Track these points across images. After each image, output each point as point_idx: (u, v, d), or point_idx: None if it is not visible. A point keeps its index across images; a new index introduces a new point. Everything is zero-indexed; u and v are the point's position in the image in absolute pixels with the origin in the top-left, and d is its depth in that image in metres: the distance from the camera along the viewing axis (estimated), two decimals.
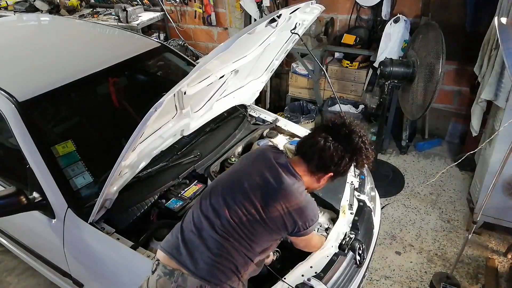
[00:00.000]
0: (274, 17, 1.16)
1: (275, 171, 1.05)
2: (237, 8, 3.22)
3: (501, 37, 1.45)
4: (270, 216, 1.00)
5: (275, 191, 1.02)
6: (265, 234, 1.02)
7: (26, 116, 1.40)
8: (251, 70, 1.62)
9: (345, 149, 1.04)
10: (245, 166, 1.11)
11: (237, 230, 0.99)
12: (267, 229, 1.01)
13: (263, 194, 1.02)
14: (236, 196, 1.02)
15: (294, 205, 1.01)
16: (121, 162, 1.06)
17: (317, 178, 1.09)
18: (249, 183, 1.03)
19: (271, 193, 1.02)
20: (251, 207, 1.00)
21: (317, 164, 1.05)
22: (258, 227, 1.00)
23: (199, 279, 0.97)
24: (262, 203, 1.00)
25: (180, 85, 1.02)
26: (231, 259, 0.99)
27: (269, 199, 1.01)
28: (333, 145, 1.03)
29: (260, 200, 1.01)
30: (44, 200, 1.33)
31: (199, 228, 1.01)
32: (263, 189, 1.02)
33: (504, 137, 1.86)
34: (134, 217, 1.36)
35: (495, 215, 2.07)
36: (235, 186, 1.04)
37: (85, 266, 1.35)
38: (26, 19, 2.61)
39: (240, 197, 1.02)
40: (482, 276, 1.94)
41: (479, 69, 2.21)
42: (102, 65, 1.67)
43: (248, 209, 1.00)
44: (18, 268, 2.05)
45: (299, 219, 1.02)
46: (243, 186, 1.03)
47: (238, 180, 1.05)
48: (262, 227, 1.01)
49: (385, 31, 2.62)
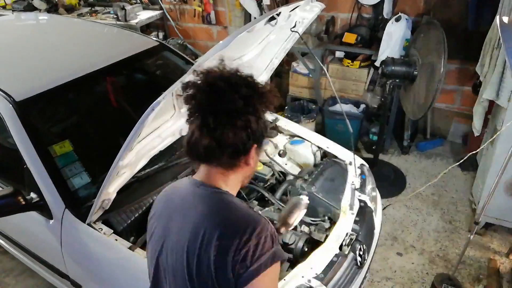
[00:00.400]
0: (274, 15, 1.14)
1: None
2: (237, 6, 3.20)
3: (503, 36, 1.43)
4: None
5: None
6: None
7: (23, 116, 1.39)
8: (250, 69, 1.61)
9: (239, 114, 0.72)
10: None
11: None
12: None
13: None
14: None
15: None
16: (118, 162, 1.05)
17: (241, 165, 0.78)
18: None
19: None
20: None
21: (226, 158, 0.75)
22: None
23: None
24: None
25: (178, 84, 1.00)
26: None
27: None
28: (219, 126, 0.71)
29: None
30: (41, 201, 1.33)
31: None
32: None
33: (506, 137, 1.84)
34: (132, 218, 1.34)
35: (497, 215, 2.06)
36: None
37: (83, 267, 1.34)
38: (24, 18, 2.61)
39: None
40: (484, 277, 1.93)
41: (481, 68, 2.19)
42: (100, 64, 1.66)
43: None
44: (16, 269, 2.05)
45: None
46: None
47: None
48: None
49: (386, 30, 2.61)
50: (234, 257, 0.68)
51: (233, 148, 0.73)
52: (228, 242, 0.69)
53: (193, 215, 0.76)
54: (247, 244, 0.68)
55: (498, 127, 1.98)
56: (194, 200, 0.78)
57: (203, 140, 0.73)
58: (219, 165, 0.78)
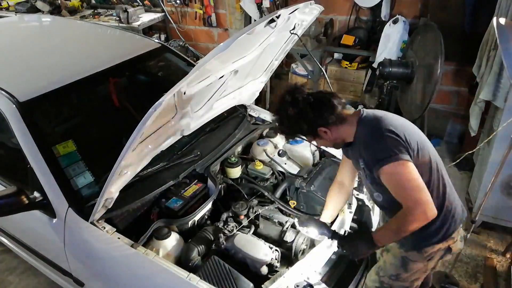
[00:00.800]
0: (273, 17, 1.17)
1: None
2: (237, 9, 3.23)
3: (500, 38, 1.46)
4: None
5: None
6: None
7: (27, 116, 1.40)
8: (250, 70, 1.63)
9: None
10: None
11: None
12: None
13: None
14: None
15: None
16: (121, 162, 1.07)
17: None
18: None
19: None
20: None
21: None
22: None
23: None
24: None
25: (179, 85, 1.03)
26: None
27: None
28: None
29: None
30: (45, 200, 1.34)
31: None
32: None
33: (502, 137, 1.86)
34: (134, 216, 1.36)
35: (493, 214, 2.08)
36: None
37: (85, 265, 1.35)
38: (27, 20, 2.62)
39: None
40: (481, 275, 1.95)
41: (477, 70, 2.22)
42: (103, 65, 1.68)
43: None
44: (19, 267, 2.06)
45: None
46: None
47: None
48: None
49: (384, 32, 2.63)
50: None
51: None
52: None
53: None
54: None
55: (494, 127, 2.00)
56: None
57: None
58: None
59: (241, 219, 1.41)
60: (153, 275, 1.17)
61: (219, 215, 1.45)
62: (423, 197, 0.98)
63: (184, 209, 1.39)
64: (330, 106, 1.10)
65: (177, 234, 1.34)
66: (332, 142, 1.17)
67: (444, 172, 1.15)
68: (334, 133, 1.13)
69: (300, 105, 1.09)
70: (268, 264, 1.26)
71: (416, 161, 1.04)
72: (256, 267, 1.25)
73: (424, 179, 1.03)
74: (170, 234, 1.29)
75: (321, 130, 1.12)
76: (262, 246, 1.28)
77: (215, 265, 1.21)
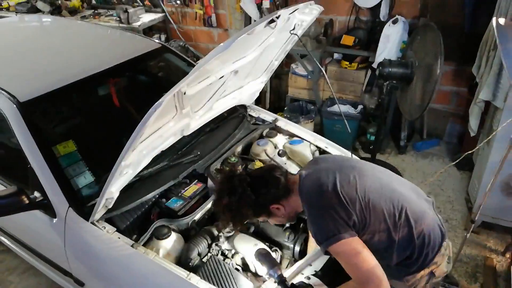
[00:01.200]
0: (273, 17, 1.17)
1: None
2: (237, 9, 3.24)
3: (499, 38, 1.46)
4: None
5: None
6: None
7: (27, 116, 1.41)
8: (250, 71, 1.64)
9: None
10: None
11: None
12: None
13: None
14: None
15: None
16: (121, 162, 1.07)
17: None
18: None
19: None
20: None
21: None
22: None
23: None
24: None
25: (179, 85, 1.03)
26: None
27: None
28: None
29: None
30: (45, 200, 1.34)
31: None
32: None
33: (502, 137, 1.86)
34: (134, 216, 1.36)
35: (493, 214, 2.08)
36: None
37: (86, 265, 1.35)
38: (28, 20, 2.63)
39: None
40: (481, 275, 1.95)
41: (477, 70, 2.23)
42: (103, 65, 1.68)
43: None
44: (19, 267, 2.06)
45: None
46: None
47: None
48: None
49: (383, 32, 2.64)
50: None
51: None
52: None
53: None
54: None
55: (494, 127, 2.01)
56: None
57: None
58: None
59: None
60: (153, 275, 1.17)
61: None
62: (372, 272, 0.93)
63: (184, 209, 1.39)
64: (273, 180, 1.04)
65: (177, 234, 1.34)
66: (287, 216, 1.11)
67: (411, 202, 1.06)
68: (286, 207, 1.07)
69: (238, 189, 1.02)
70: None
71: (366, 212, 0.99)
72: (256, 267, 1.25)
73: (382, 222, 1.00)
74: (170, 234, 1.29)
75: (273, 208, 1.06)
76: (262, 246, 1.28)
77: (215, 265, 1.21)
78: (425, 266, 1.06)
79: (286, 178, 1.08)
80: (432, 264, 1.07)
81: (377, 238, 1.02)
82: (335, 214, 0.97)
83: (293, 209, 1.09)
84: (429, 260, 1.06)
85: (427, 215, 1.08)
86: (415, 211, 1.05)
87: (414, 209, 1.05)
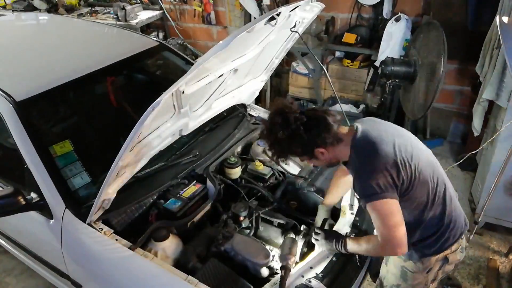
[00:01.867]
0: (274, 15, 1.15)
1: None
2: (237, 6, 3.21)
3: (503, 36, 1.44)
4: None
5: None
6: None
7: (23, 116, 1.39)
8: (250, 69, 1.61)
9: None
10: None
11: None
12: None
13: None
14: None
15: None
16: (118, 162, 1.06)
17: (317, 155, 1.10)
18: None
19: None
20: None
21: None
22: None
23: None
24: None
25: (178, 84, 1.01)
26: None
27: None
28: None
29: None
30: (42, 201, 1.33)
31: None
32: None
33: (506, 137, 1.85)
34: (132, 217, 1.35)
35: (496, 215, 2.06)
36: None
37: (83, 267, 1.34)
38: (24, 18, 2.61)
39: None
40: (484, 277, 1.94)
41: (480, 69, 2.20)
42: (100, 64, 1.66)
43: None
44: (16, 268, 2.05)
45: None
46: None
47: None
48: None
49: (386, 30, 2.61)
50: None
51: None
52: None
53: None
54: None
55: (497, 127, 1.98)
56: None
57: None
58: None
59: (241, 220, 1.39)
60: (151, 277, 1.15)
61: (219, 216, 1.43)
62: (397, 235, 1.00)
63: (183, 210, 1.37)
64: (326, 125, 1.05)
65: (176, 235, 1.32)
66: (328, 162, 1.13)
67: (448, 185, 1.13)
68: (330, 153, 1.09)
69: (292, 126, 1.02)
70: (268, 266, 1.24)
71: (414, 181, 1.03)
72: (256, 269, 1.23)
73: (424, 195, 1.06)
74: (168, 236, 1.27)
75: (318, 151, 1.07)
76: (262, 248, 1.26)
77: (214, 267, 1.19)
78: (442, 249, 1.12)
79: (338, 126, 1.10)
80: (448, 249, 1.13)
81: (411, 209, 1.07)
82: (387, 174, 1.00)
83: (335, 157, 1.11)
84: (448, 245, 1.12)
85: (457, 202, 1.16)
86: (451, 194, 1.12)
87: (451, 192, 1.13)
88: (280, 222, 1.43)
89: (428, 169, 1.07)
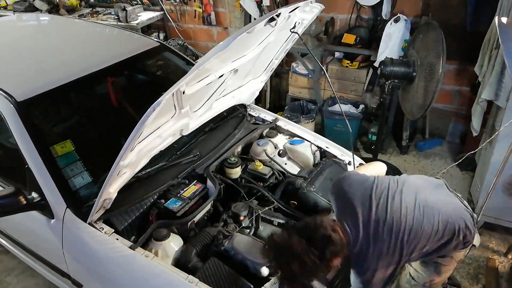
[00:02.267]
0: (273, 16, 1.15)
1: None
2: (237, 7, 3.22)
3: (502, 37, 1.45)
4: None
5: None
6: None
7: (24, 116, 1.40)
8: (250, 70, 1.62)
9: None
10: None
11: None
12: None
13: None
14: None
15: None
16: (119, 162, 1.06)
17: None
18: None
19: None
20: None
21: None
22: None
23: None
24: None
25: (178, 84, 1.02)
26: None
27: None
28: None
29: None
30: (43, 200, 1.33)
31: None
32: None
33: (504, 137, 1.85)
34: (133, 217, 1.35)
35: (495, 215, 2.07)
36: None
37: (84, 266, 1.34)
38: (25, 19, 2.61)
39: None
40: (483, 277, 1.94)
41: (479, 69, 2.21)
42: (101, 64, 1.67)
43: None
44: (17, 268, 2.05)
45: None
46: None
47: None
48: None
49: (385, 31, 2.62)
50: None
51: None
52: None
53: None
54: None
55: (496, 127, 1.99)
56: None
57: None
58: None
59: (241, 220, 1.40)
60: (151, 277, 1.16)
61: (219, 216, 1.43)
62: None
63: (183, 210, 1.38)
64: (329, 240, 1.04)
65: (176, 235, 1.33)
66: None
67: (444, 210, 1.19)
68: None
69: (309, 264, 1.00)
70: (268, 265, 1.25)
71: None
72: (256, 269, 1.24)
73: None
74: (169, 235, 1.28)
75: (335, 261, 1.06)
76: (262, 247, 1.27)
77: (214, 267, 1.20)
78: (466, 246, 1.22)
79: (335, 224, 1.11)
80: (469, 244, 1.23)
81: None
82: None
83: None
84: (468, 240, 1.21)
85: (456, 212, 1.22)
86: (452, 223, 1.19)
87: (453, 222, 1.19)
88: (280, 221, 1.43)
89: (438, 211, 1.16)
